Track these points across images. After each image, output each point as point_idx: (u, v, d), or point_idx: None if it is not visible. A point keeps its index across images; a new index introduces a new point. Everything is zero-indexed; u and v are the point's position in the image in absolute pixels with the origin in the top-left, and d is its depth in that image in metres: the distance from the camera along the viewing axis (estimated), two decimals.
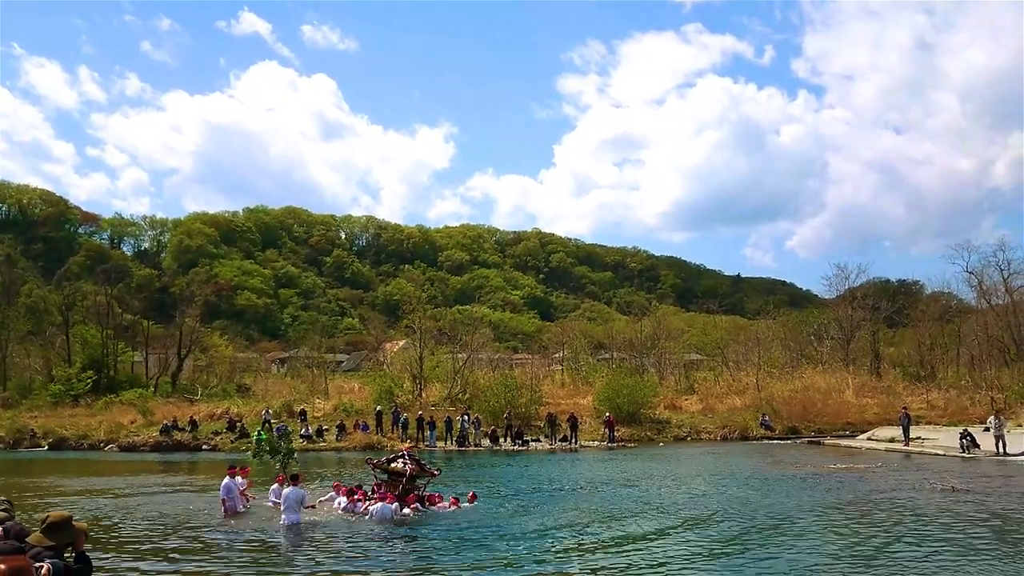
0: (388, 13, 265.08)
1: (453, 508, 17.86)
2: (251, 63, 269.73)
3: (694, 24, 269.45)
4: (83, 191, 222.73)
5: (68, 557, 5.25)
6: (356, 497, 17.83)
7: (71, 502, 20.16)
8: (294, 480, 16.70)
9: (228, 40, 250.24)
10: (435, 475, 19.04)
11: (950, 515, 16.33)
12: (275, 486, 18.13)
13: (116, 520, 17.11)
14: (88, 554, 5.69)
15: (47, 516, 5.21)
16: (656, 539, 14.48)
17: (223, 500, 17.30)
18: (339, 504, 17.99)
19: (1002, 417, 30.00)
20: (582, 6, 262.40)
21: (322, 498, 18.64)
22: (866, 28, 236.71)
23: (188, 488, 23.53)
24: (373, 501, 17.46)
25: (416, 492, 18.28)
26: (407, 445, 21.43)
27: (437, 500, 18.36)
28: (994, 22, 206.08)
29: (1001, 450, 28.43)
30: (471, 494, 18.82)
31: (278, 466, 20.88)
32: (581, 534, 15.07)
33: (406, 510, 17.17)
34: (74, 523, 5.28)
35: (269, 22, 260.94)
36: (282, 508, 16.25)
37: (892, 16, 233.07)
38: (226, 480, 17.57)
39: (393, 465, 18.50)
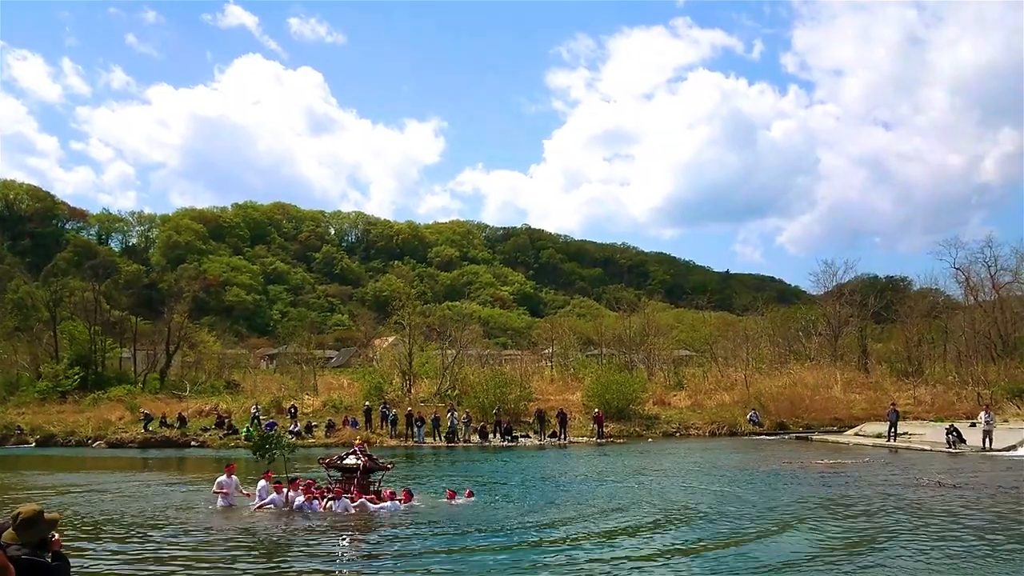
0: (376, 6, 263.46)
1: (405, 504, 17.71)
2: (236, 56, 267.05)
3: (683, 18, 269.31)
4: (68, 185, 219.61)
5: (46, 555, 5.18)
6: (312, 495, 17.47)
7: (59, 499, 19.97)
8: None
9: (214, 33, 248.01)
10: (388, 469, 19.23)
11: (936, 510, 16.43)
12: (262, 483, 18.09)
13: (100, 516, 16.94)
14: (67, 552, 5.62)
15: (18, 512, 5.12)
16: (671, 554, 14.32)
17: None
18: (270, 499, 17.67)
19: (992, 412, 30.25)
20: (570, 0, 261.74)
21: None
22: (855, 22, 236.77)
23: (176, 484, 23.40)
24: (333, 498, 17.37)
25: (371, 487, 18.30)
26: (359, 440, 21.27)
27: (389, 496, 18.00)
28: (984, 17, 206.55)
29: (987, 445, 28.66)
30: (404, 491, 18.35)
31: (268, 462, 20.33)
32: (575, 544, 14.51)
33: (388, 504, 17.35)
34: (45, 516, 5.19)
35: (255, 15, 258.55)
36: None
37: (881, 11, 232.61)
38: (262, 483, 17.98)
39: (346, 461, 18.55)
